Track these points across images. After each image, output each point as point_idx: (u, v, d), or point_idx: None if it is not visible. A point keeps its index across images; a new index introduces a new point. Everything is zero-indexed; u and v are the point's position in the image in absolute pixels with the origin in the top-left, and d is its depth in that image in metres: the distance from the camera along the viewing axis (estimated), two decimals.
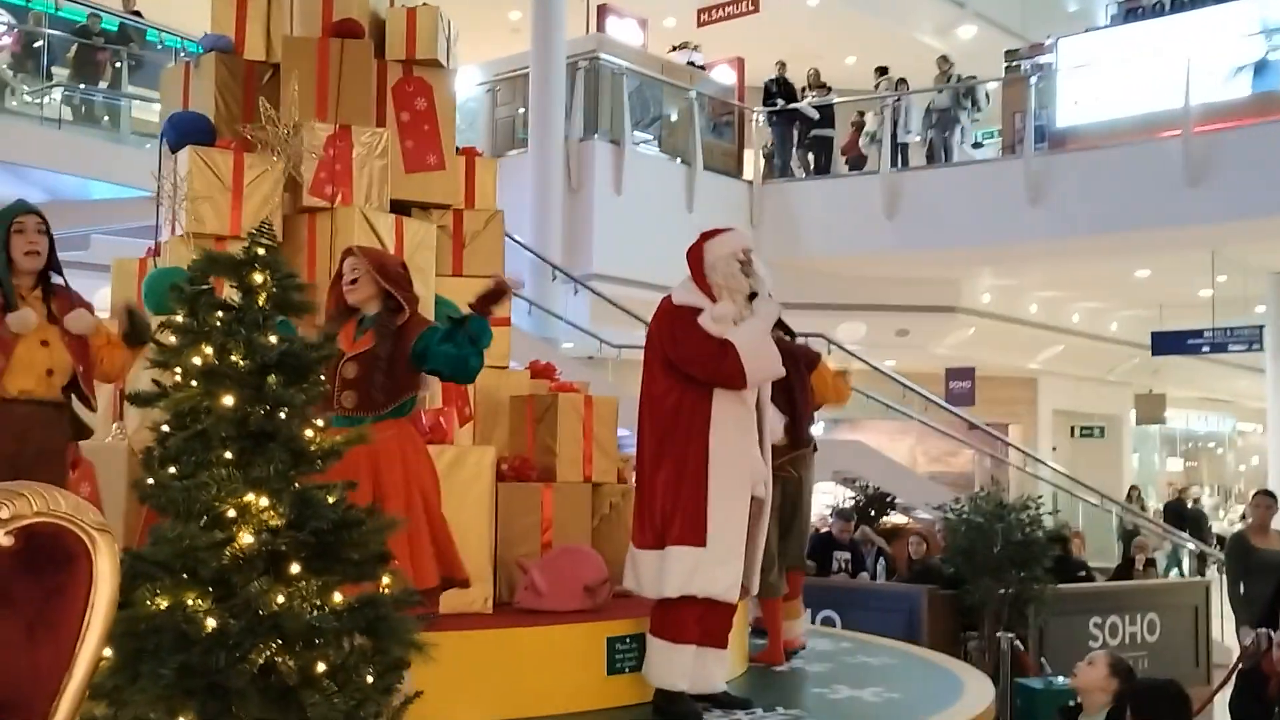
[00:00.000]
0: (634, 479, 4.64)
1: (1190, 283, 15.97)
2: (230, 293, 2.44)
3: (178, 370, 2.44)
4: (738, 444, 4.34)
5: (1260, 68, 13.59)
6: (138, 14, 13.78)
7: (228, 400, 2.24)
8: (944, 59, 16.19)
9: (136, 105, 13.45)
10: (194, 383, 2.31)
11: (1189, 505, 19.31)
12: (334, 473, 3.62)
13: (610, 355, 12.80)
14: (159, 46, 13.65)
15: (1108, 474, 19.28)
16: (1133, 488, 18.52)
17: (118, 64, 13.50)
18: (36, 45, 13.11)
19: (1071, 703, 5.04)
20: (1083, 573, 9.95)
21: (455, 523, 4.56)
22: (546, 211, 13.21)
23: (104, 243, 10.27)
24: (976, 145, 16.95)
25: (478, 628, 4.57)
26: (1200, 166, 12.69)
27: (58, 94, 12.96)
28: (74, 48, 13.26)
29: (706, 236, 4.56)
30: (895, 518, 11.72)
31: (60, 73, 13.25)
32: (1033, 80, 14.95)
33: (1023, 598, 8.26)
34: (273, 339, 2.31)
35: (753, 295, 4.44)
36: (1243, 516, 13.28)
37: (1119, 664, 4.52)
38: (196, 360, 2.27)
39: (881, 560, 9.74)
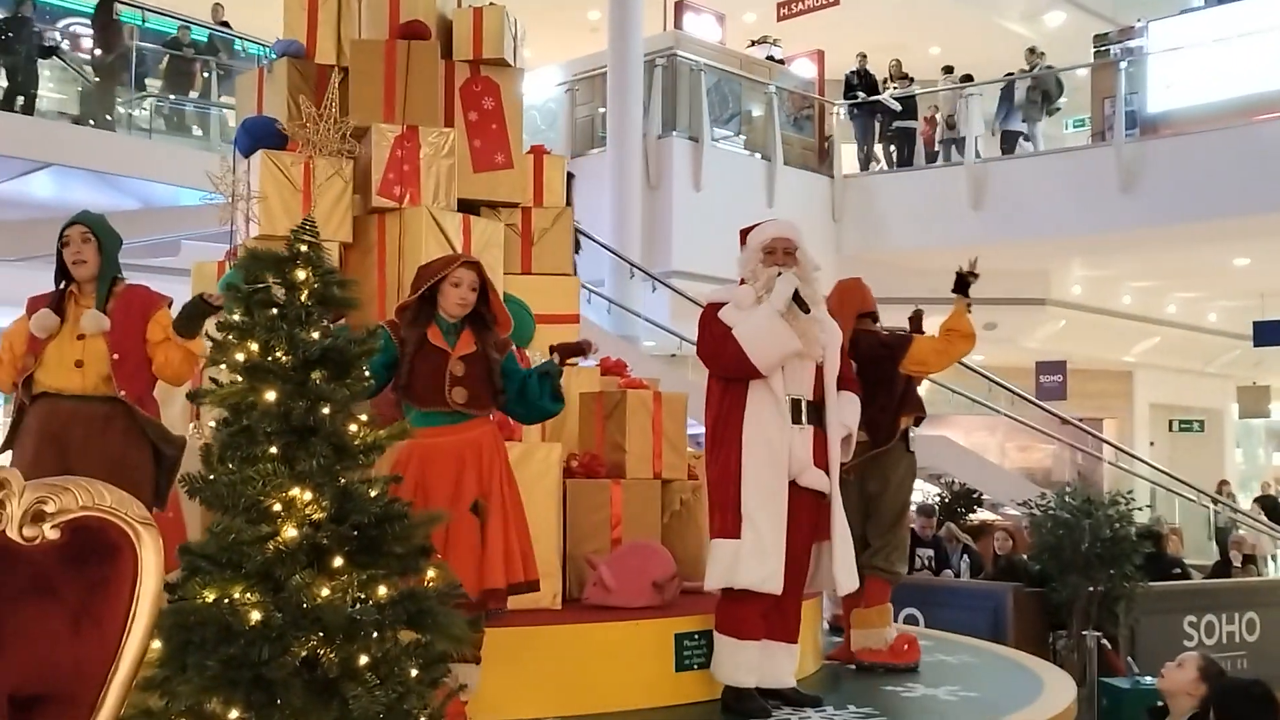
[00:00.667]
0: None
1: None
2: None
3: (224, 367, 2.48)
4: (772, 435, 4.30)
5: None
6: (226, 25, 14.10)
7: (270, 395, 2.26)
8: (1032, 50, 15.84)
9: (227, 114, 13.79)
10: (239, 378, 2.33)
11: None
12: (440, 464, 3.74)
13: (691, 353, 12.74)
14: (242, 54, 13.95)
15: (1209, 469, 18.69)
16: (1222, 482, 17.90)
17: (207, 74, 13.83)
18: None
19: (1160, 703, 4.89)
20: (1178, 570, 9.65)
21: None
22: (625, 210, 13.23)
23: (192, 248, 10.53)
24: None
25: (547, 623, 4.58)
26: None
27: (149, 105, 13.33)
28: (165, 59, 13.63)
29: (746, 231, 4.58)
30: (982, 514, 11.52)
31: (153, 84, 13.62)
32: (1123, 65, 14.56)
33: (1112, 596, 8.03)
34: (315, 334, 2.33)
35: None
36: None
37: (1210, 667, 4.34)
38: (240, 356, 2.29)
39: (966, 557, 9.56)
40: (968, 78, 16.03)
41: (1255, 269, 15.96)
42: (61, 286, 4.17)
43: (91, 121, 12.01)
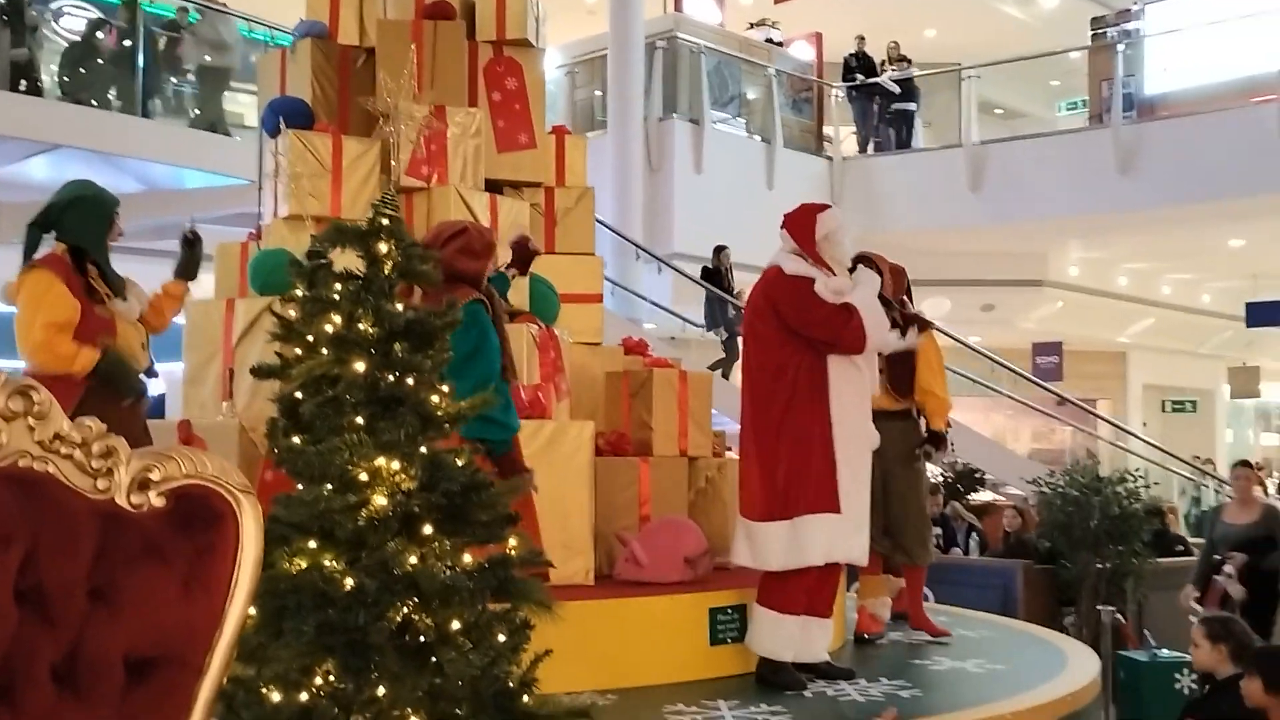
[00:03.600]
0: (738, 453, 4.67)
1: None
2: (347, 263, 2.51)
3: (305, 340, 2.50)
4: (857, 409, 4.41)
5: None
6: (224, 6, 14.01)
7: (359, 366, 2.29)
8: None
9: (224, 97, 13.73)
10: (324, 351, 2.36)
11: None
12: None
13: (694, 335, 12.80)
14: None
15: (1200, 449, 18.82)
16: (1206, 461, 18.06)
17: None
18: (127, 42, 13.42)
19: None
20: (1180, 547, 9.75)
21: (556, 496, 4.64)
22: (627, 191, 13.23)
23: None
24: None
25: (580, 598, 4.61)
26: None
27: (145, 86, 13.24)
28: (163, 41, 13.55)
29: (810, 210, 4.58)
30: (985, 494, 11.60)
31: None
32: (1120, 47, 14.62)
33: (1121, 572, 8.13)
34: (399, 306, 2.36)
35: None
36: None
37: (1213, 627, 4.41)
38: (328, 329, 2.32)
39: (975, 536, 9.64)
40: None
41: (1249, 250, 16.09)
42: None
43: (94, 102, 11.93)
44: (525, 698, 2.28)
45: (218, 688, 1.99)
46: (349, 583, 2.19)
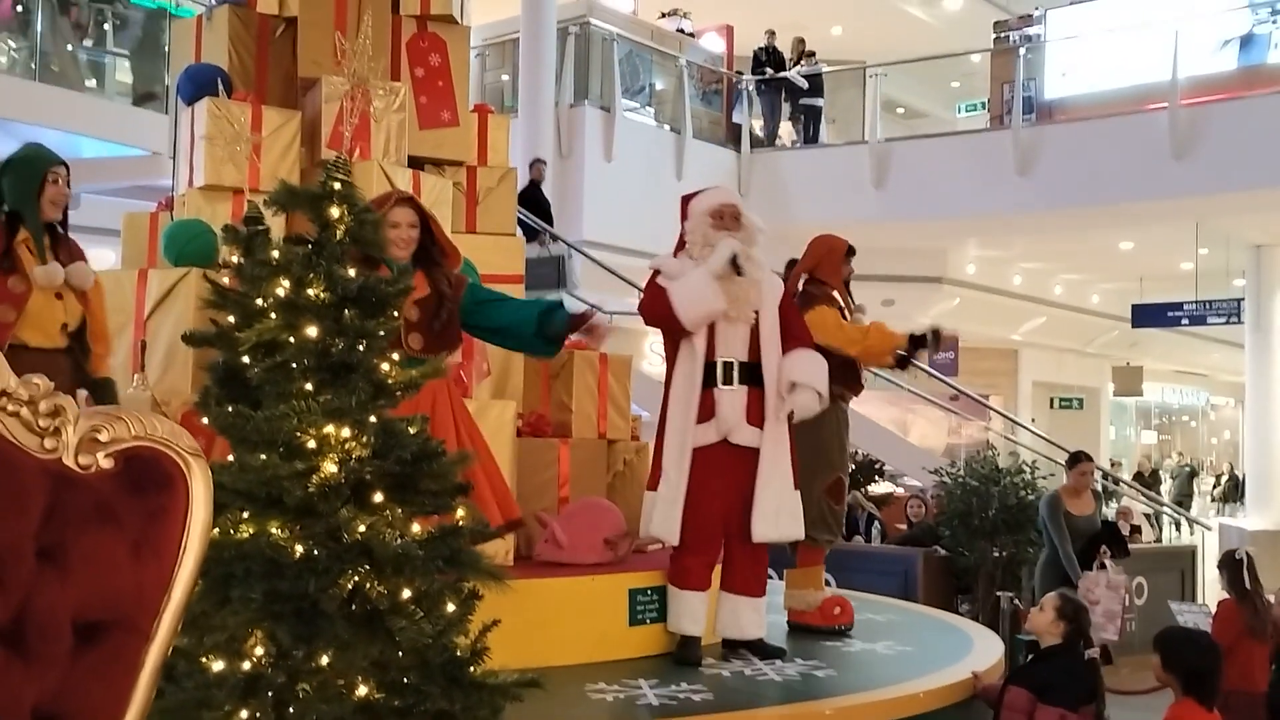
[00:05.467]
0: None
1: (1172, 256, 16.13)
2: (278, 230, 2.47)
3: (247, 307, 2.45)
4: (689, 395, 4.49)
5: (1246, 41, 13.70)
6: None
7: (310, 331, 2.26)
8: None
9: (122, 63, 13.32)
10: (273, 316, 2.32)
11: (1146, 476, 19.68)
12: (403, 409, 3.77)
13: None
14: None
15: (1085, 445, 19.36)
16: (1113, 462, 18.77)
17: (104, 24, 13.33)
18: (19, 8, 12.94)
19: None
20: None
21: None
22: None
23: (93, 203, 10.16)
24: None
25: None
26: (1186, 139, 12.79)
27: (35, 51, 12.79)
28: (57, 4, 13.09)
29: (689, 198, 4.74)
30: (884, 485, 11.85)
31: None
32: (1021, 51, 15.01)
33: (1016, 560, 8.39)
34: (351, 272, 2.33)
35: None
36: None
37: (1065, 605, 4.62)
38: (279, 293, 2.28)
39: (877, 524, 9.84)
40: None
41: (1138, 253, 16.66)
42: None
43: None
44: (474, 668, 2.28)
45: (165, 654, 1.94)
46: (299, 550, 2.16)
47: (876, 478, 11.74)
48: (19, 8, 12.59)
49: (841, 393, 5.48)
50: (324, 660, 2.19)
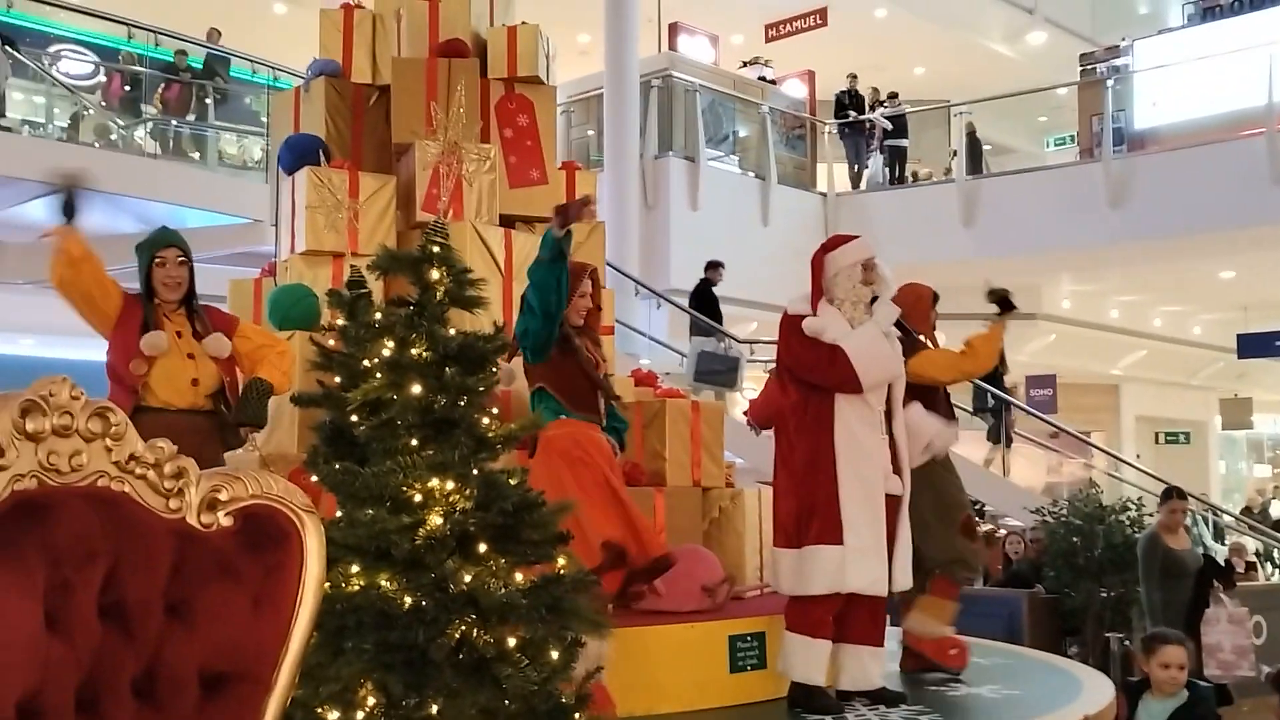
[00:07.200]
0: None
1: (1277, 283, 15.70)
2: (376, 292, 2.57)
3: (353, 367, 2.56)
4: (870, 447, 4.41)
5: None
6: (219, 43, 14.13)
7: (414, 389, 2.34)
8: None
9: (223, 138, 13.87)
10: (379, 376, 2.41)
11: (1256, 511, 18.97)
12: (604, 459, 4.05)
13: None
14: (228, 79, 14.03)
15: (1194, 480, 18.92)
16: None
17: (205, 99, 13.89)
18: (127, 88, 13.57)
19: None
20: None
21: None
22: (623, 229, 13.32)
23: (199, 271, 10.52)
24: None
25: None
26: None
27: (147, 127, 13.37)
28: (162, 85, 13.67)
29: (828, 247, 4.63)
30: (984, 526, 11.64)
31: (150, 109, 13.67)
32: (1109, 83, 14.83)
33: (1125, 600, 8.17)
34: (451, 331, 2.42)
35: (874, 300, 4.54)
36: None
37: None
38: (384, 353, 2.37)
39: None
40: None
41: (1240, 282, 16.25)
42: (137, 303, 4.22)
43: (97, 143, 12.01)
44: (579, 715, 2.32)
45: (284, 704, 2.03)
46: (407, 601, 2.23)
47: (977, 519, 11.54)
48: (127, 88, 13.20)
49: None
50: (434, 709, 2.25)
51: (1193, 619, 6.72)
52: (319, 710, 2.29)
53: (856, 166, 16.19)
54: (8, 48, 11.59)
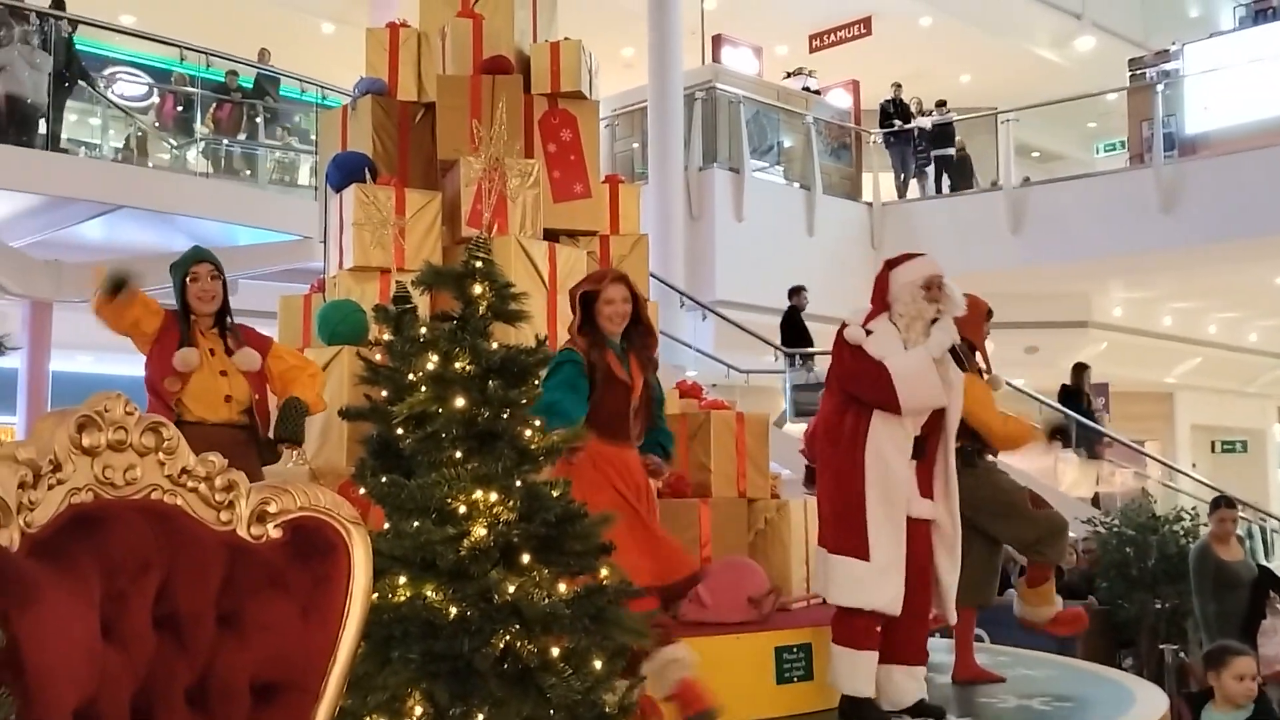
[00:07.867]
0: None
1: None
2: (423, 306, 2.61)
3: (399, 381, 2.60)
4: (897, 468, 4.38)
5: None
6: (269, 63, 14.34)
7: (459, 402, 2.38)
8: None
9: (273, 156, 14.08)
10: (424, 389, 2.45)
11: None
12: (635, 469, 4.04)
13: (738, 381, 12.86)
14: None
15: (1252, 490, 18.61)
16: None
17: (255, 118, 14.11)
18: (180, 109, 13.82)
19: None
20: None
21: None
22: (668, 241, 13.37)
23: (250, 287, 10.71)
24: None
25: None
26: None
27: (200, 147, 13.61)
28: (214, 105, 13.91)
29: (892, 264, 4.59)
30: None
31: (202, 129, 13.91)
32: (1159, 87, 14.67)
33: (1180, 612, 8.06)
34: (494, 345, 2.45)
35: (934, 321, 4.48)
36: None
37: None
38: (429, 367, 2.41)
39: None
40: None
41: None
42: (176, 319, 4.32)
43: (152, 164, 12.24)
44: None
45: (332, 714, 2.06)
46: (453, 611, 2.27)
47: None
48: (179, 108, 13.44)
49: (979, 449, 5.45)
50: (480, 718, 2.28)
51: (1249, 630, 6.63)
52: (368, 719, 2.33)
53: (903, 176, 16.12)
54: (82, 81, 11.84)
